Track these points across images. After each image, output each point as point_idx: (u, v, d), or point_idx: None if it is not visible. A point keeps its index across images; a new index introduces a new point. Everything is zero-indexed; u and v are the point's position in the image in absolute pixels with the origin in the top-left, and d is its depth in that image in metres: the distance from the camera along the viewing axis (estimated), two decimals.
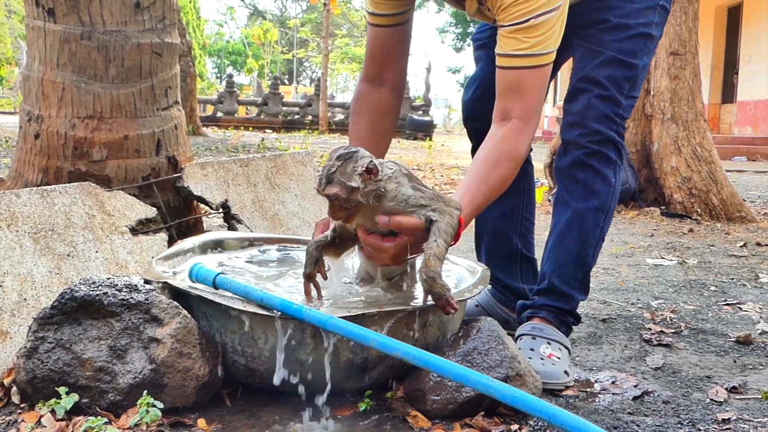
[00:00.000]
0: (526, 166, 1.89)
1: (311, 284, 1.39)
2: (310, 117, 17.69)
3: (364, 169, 1.23)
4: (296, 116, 17.96)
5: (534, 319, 1.68)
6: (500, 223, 1.89)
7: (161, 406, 1.24)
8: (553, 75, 1.85)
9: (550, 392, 1.49)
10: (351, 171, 1.24)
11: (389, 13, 1.65)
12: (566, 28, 1.53)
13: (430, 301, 1.30)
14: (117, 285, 1.31)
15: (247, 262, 1.68)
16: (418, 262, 1.47)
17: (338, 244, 1.41)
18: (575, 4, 1.65)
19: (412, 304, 1.35)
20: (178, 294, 1.36)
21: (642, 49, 1.68)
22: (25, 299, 1.57)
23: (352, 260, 1.50)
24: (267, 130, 15.99)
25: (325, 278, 1.41)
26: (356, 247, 1.43)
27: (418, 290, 1.42)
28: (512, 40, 1.47)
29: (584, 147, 1.65)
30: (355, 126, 1.69)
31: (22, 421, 1.23)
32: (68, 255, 1.71)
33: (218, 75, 40.82)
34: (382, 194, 1.26)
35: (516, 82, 1.49)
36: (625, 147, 1.74)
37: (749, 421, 1.37)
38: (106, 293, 1.28)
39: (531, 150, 1.90)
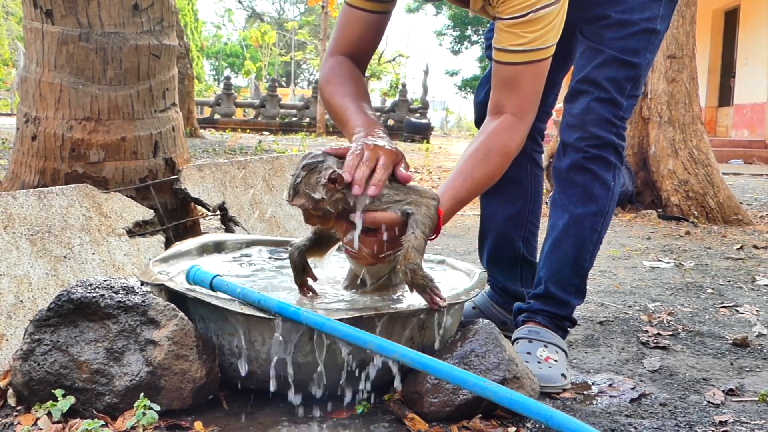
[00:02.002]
0: (536, 169, 1.88)
1: (306, 290, 1.40)
2: (307, 119, 17.68)
3: (327, 179, 1.23)
4: (294, 118, 17.95)
5: (530, 323, 1.67)
6: (505, 226, 1.87)
7: (158, 408, 1.23)
8: (567, 70, 1.83)
9: (548, 395, 1.49)
10: (315, 182, 1.24)
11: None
12: (569, 23, 1.51)
13: (420, 301, 1.29)
14: (114, 287, 1.31)
15: (243, 264, 1.67)
16: None
17: (321, 244, 1.41)
18: None
19: (408, 306, 1.35)
20: (174, 296, 1.36)
21: (645, 46, 1.63)
22: (21, 301, 1.56)
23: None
24: (264, 133, 15.99)
25: (315, 280, 1.41)
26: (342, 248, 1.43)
27: (407, 293, 1.42)
28: (511, 35, 1.44)
29: (583, 151, 1.63)
30: (339, 92, 1.51)
31: (18, 423, 1.22)
32: (65, 257, 1.70)
33: (216, 77, 40.82)
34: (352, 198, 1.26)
35: (512, 78, 1.47)
36: (625, 149, 1.71)
37: (746, 423, 1.37)
38: (103, 295, 1.28)
39: (541, 153, 1.90)
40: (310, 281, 1.42)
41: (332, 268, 1.56)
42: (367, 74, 1.72)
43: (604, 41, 1.63)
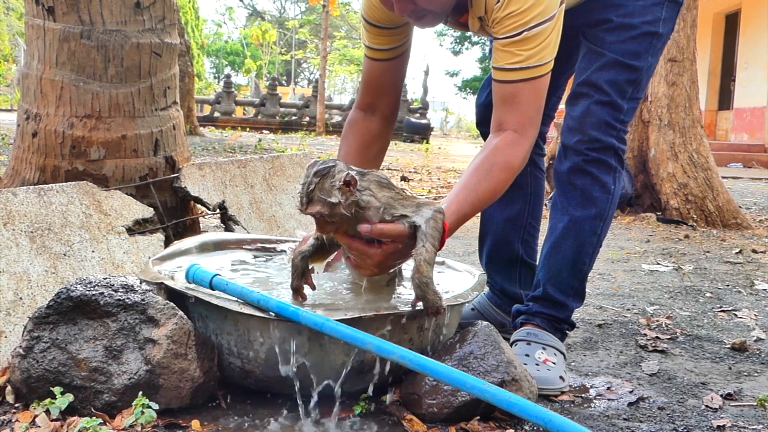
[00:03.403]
0: (537, 172, 1.88)
1: (299, 297, 1.38)
2: (307, 118, 17.68)
3: (342, 183, 1.23)
4: (294, 117, 17.94)
5: (528, 325, 1.67)
6: (504, 227, 1.88)
7: (156, 407, 1.23)
8: (570, 73, 1.84)
9: (546, 397, 1.49)
10: (330, 186, 1.23)
11: (385, 48, 1.64)
12: (572, 27, 1.51)
13: (419, 306, 1.29)
14: (113, 285, 1.30)
15: (244, 263, 1.67)
16: (405, 271, 1.47)
17: (323, 250, 1.41)
18: (579, 4, 1.64)
19: (408, 307, 1.35)
20: (174, 295, 1.36)
21: (647, 50, 1.64)
22: (20, 298, 1.56)
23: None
24: (264, 131, 15.98)
25: (314, 288, 1.41)
26: (342, 257, 1.43)
27: (406, 294, 1.42)
28: (507, 54, 1.45)
29: (583, 154, 1.63)
30: (343, 148, 1.69)
31: (17, 420, 1.22)
32: (64, 254, 1.70)
33: (216, 75, 40.80)
34: (363, 205, 1.26)
35: (511, 96, 1.47)
36: (626, 152, 1.71)
37: (744, 428, 1.37)
38: (103, 293, 1.28)
39: (542, 156, 1.90)
40: (307, 288, 1.41)
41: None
42: None
43: (605, 44, 1.64)
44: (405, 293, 1.46)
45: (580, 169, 1.64)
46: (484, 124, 1.84)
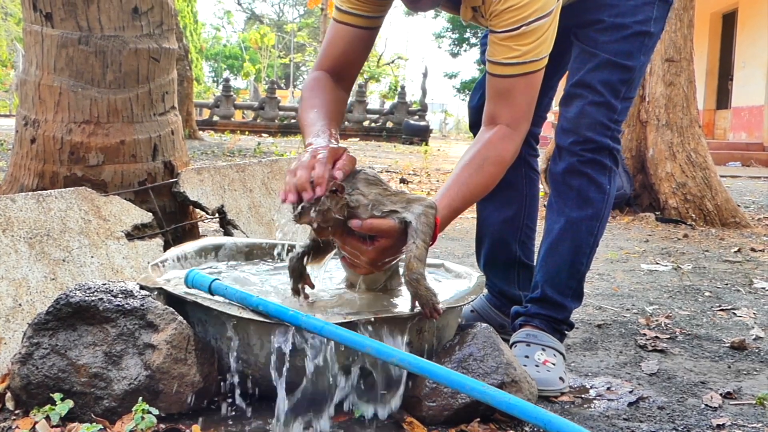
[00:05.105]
0: (531, 173, 1.88)
1: (302, 296, 1.39)
2: None
3: (329, 193, 1.24)
4: (293, 120, 17.92)
5: (527, 327, 1.68)
6: (501, 229, 1.88)
7: (156, 412, 1.24)
8: (562, 73, 1.84)
9: (546, 398, 1.50)
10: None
11: (362, 14, 1.57)
12: (564, 27, 1.52)
13: (418, 307, 1.30)
14: (112, 291, 1.31)
15: (244, 267, 1.67)
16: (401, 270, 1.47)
17: (319, 251, 1.42)
18: (571, 4, 1.64)
19: (406, 310, 1.35)
20: (173, 300, 1.36)
21: (639, 49, 1.65)
22: (20, 305, 1.56)
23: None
24: (263, 135, 15.98)
25: (312, 287, 1.41)
26: (338, 257, 1.43)
27: (406, 296, 1.42)
28: (504, 48, 1.45)
29: (578, 155, 1.64)
30: (306, 106, 1.53)
31: (17, 427, 1.23)
32: (64, 260, 1.70)
33: (215, 79, 40.81)
34: (354, 205, 1.27)
35: (507, 90, 1.47)
36: (620, 152, 1.72)
37: (744, 426, 1.37)
38: (102, 299, 1.28)
39: (536, 156, 1.90)
40: (307, 289, 1.42)
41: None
42: (366, 76, 1.74)
43: (598, 45, 1.65)
44: (403, 296, 1.46)
45: (575, 170, 1.65)
46: (476, 126, 1.84)
